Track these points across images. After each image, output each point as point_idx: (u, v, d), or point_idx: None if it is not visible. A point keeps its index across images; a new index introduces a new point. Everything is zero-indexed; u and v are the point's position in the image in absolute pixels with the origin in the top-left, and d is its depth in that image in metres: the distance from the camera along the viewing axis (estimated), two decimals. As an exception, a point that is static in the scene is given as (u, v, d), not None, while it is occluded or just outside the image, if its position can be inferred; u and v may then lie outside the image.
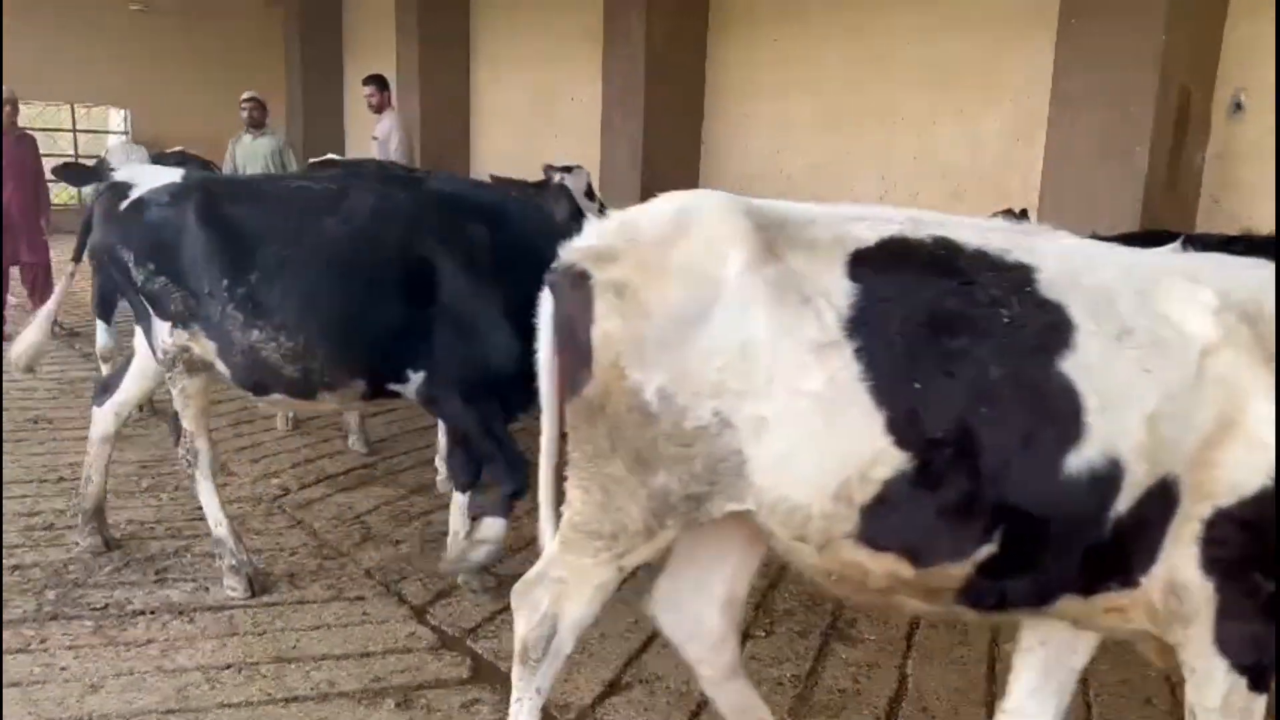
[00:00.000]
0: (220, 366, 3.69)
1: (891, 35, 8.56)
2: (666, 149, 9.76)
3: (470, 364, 3.61)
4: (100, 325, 6.10)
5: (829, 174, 9.06)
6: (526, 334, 2.47)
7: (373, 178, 4.55)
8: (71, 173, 5.81)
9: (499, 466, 3.74)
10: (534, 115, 12.32)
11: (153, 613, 3.66)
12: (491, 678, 3.35)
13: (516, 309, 3.07)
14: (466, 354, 3.59)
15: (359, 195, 3.68)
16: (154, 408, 6.26)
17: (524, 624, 2.43)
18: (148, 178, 3.81)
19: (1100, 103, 6.50)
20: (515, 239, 3.59)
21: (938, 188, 8.35)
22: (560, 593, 2.38)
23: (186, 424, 3.85)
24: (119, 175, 3.96)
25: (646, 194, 7.94)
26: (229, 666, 3.32)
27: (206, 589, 3.87)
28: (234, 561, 3.87)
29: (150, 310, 3.73)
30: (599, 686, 3.33)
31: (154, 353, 3.83)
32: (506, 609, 3.76)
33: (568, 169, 6.04)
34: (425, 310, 3.56)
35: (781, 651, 3.62)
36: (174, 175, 3.81)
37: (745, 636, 3.70)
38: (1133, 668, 3.61)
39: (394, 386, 3.73)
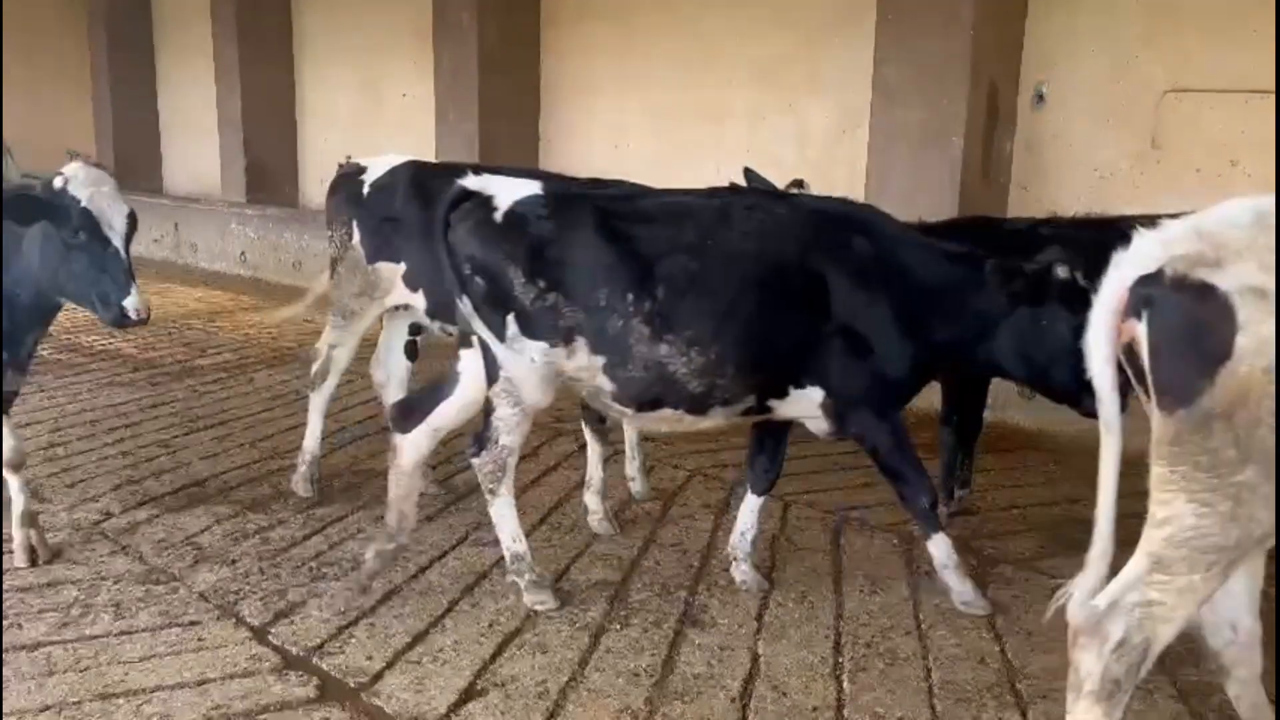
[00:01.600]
0: (603, 381, 3.65)
1: (718, 33, 8.74)
2: (504, 145, 9.66)
3: (873, 378, 3.74)
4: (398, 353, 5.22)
5: (665, 169, 9.18)
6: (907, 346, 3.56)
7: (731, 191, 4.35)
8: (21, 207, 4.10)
9: (910, 480, 3.88)
10: (364, 113, 11.97)
11: (-43, 657, 3.36)
12: (339, 695, 3.23)
13: (897, 320, 3.68)
14: (868, 369, 3.72)
15: (744, 210, 3.76)
16: None
17: (1095, 659, 2.39)
18: (504, 189, 3.67)
19: (917, 96, 6.83)
20: (888, 249, 3.75)
21: (772, 180, 8.57)
22: (1153, 615, 2.34)
23: (510, 441, 3.73)
24: (472, 185, 3.68)
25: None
26: (48, 709, 3.08)
27: (20, 626, 3.57)
28: (534, 577, 3.87)
29: (516, 328, 3.59)
30: (454, 695, 3.26)
31: (496, 373, 3.64)
32: (352, 624, 3.68)
33: (799, 183, 5.53)
34: (820, 325, 3.67)
35: (637, 643, 3.64)
36: (531, 186, 3.70)
37: (599, 632, 3.70)
38: (967, 634, 3.81)
39: (772, 402, 3.79)
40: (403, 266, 4.72)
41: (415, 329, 5.10)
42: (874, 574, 4.30)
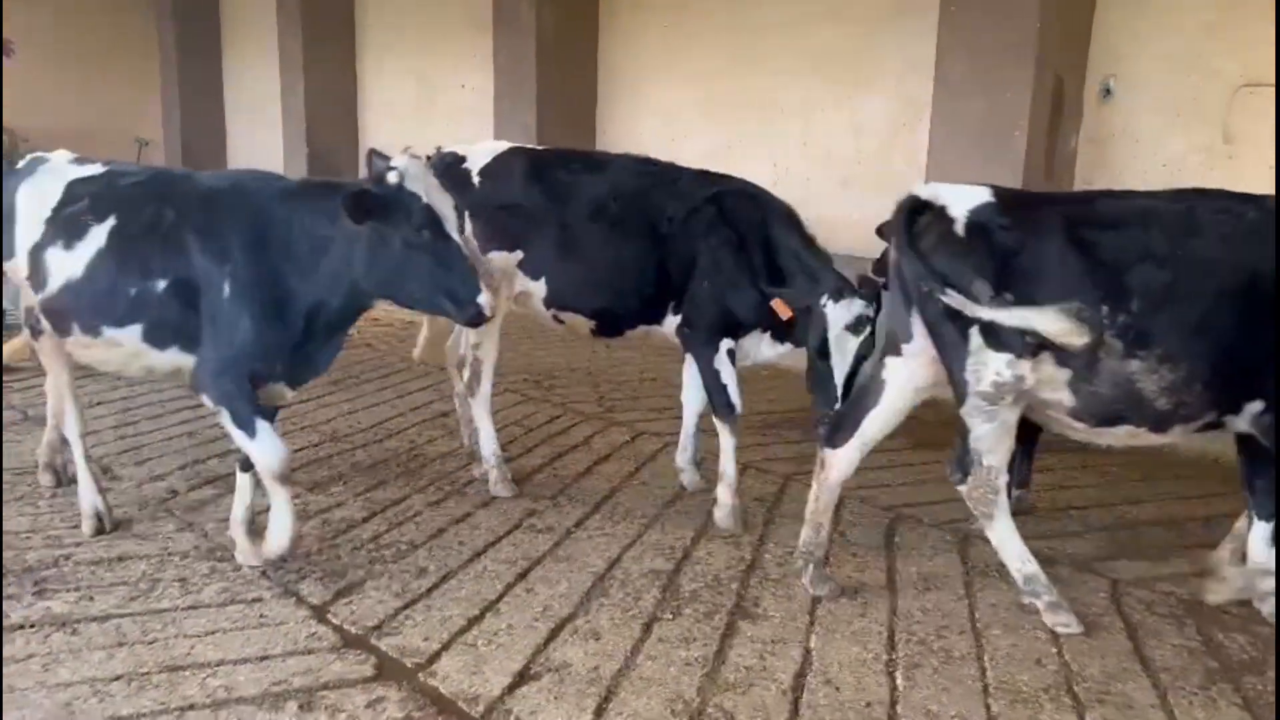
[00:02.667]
0: (1063, 395, 3.55)
1: (775, 24, 8.69)
2: (561, 135, 9.71)
3: None
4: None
5: (719, 161, 9.16)
6: None
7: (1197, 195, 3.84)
8: (359, 205, 3.66)
9: None
10: (423, 105, 12.11)
11: (33, 626, 3.48)
12: (396, 675, 3.28)
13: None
14: None
15: (1213, 213, 3.48)
16: (26, 414, 5.94)
17: None
18: (954, 197, 3.53)
19: (980, 89, 6.74)
20: None
21: (825, 174, 8.53)
22: None
23: (995, 460, 3.70)
24: (925, 194, 3.57)
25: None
26: (118, 678, 3.18)
27: (91, 598, 3.69)
28: (1052, 599, 3.79)
29: (980, 341, 3.49)
30: (508, 677, 3.30)
31: (964, 392, 3.59)
32: (409, 606, 3.74)
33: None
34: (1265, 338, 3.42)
35: (689, 633, 3.65)
36: (980, 193, 3.54)
37: (652, 620, 3.72)
38: (1024, 634, 3.77)
39: (1227, 418, 3.61)
40: (519, 255, 4.68)
41: None
42: (928, 572, 4.26)
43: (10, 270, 4.01)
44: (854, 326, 4.21)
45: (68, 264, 3.75)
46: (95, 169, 3.97)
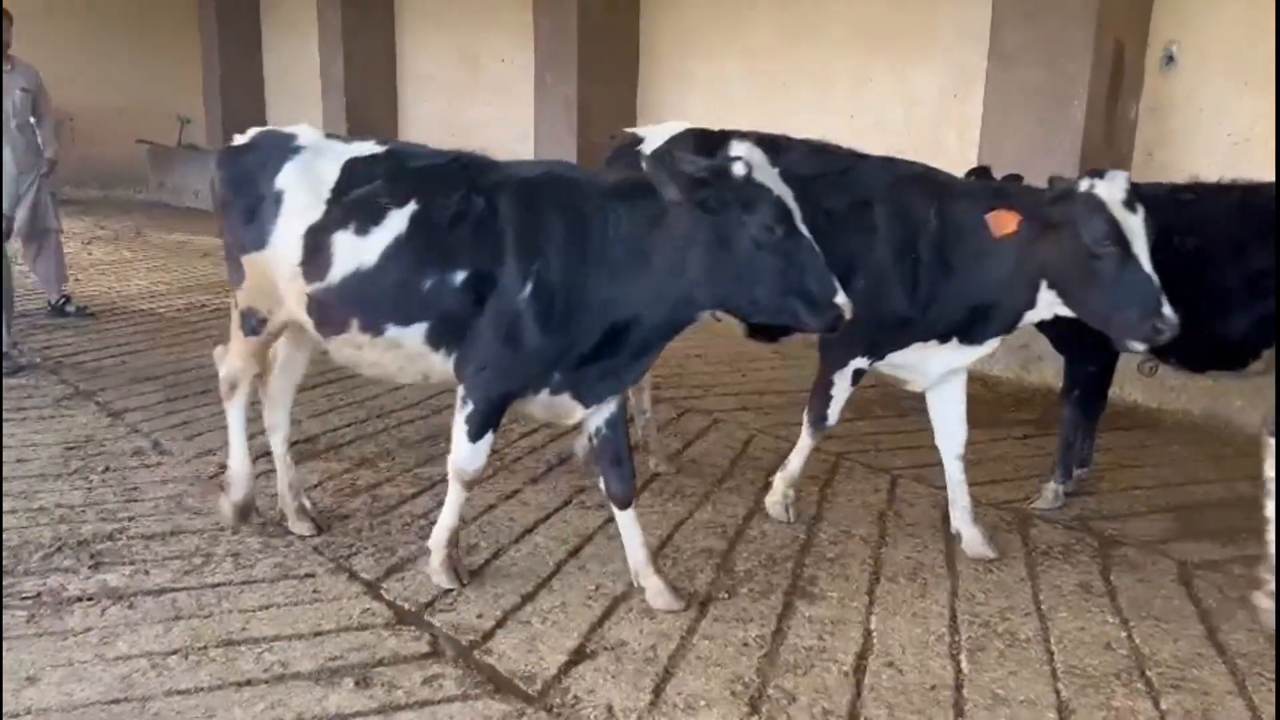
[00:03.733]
0: None
1: (823, -5, 8.51)
2: (602, 110, 9.61)
3: None
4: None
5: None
6: None
7: None
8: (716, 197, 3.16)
9: None
10: (463, 78, 12.03)
11: (90, 599, 3.48)
12: (452, 652, 3.25)
13: None
14: None
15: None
16: (77, 387, 5.98)
17: None
18: None
19: (1036, 58, 6.54)
20: None
21: (875, 145, 8.33)
22: None
23: None
24: None
25: (584, 157, 7.89)
26: (175, 652, 3.17)
27: (146, 572, 3.69)
28: None
29: None
30: (564, 655, 3.25)
31: None
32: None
33: (1099, 173, 3.64)
34: None
35: (745, 612, 3.58)
36: None
37: (706, 600, 3.66)
38: (1091, 617, 3.66)
39: None
40: None
41: None
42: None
43: (262, 261, 3.60)
44: (1129, 204, 3.48)
45: (360, 251, 3.36)
46: (372, 147, 3.58)
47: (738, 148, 3.10)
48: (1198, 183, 4.27)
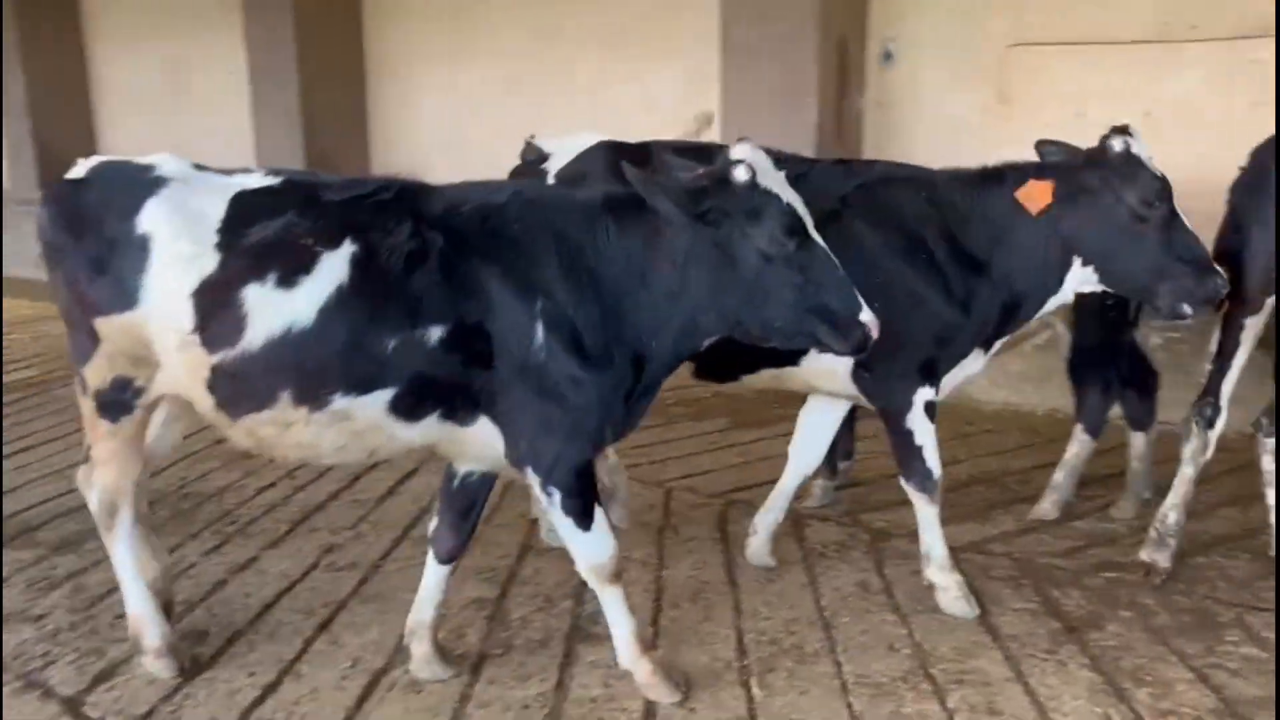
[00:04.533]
0: None
1: (564, 2, 8.31)
2: (328, 117, 8.98)
3: None
4: None
5: (510, 140, 8.72)
6: None
7: None
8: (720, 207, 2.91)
9: None
10: (171, 92, 10.93)
11: None
12: (178, 772, 2.72)
13: None
14: None
15: None
16: None
17: None
18: None
19: (767, 56, 6.60)
20: None
21: (618, 150, 8.23)
22: None
23: None
24: None
25: (314, 165, 7.16)
26: None
27: None
28: None
29: None
30: None
31: None
32: (187, 682, 3.13)
33: (1125, 129, 3.40)
34: None
35: (523, 668, 3.26)
36: None
37: (480, 659, 3.31)
38: (872, 618, 3.61)
39: None
40: None
41: None
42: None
43: (129, 324, 2.86)
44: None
45: (287, 307, 2.72)
46: (261, 178, 2.93)
47: (739, 150, 2.73)
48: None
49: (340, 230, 2.75)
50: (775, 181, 2.74)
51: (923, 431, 3.62)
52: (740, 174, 2.67)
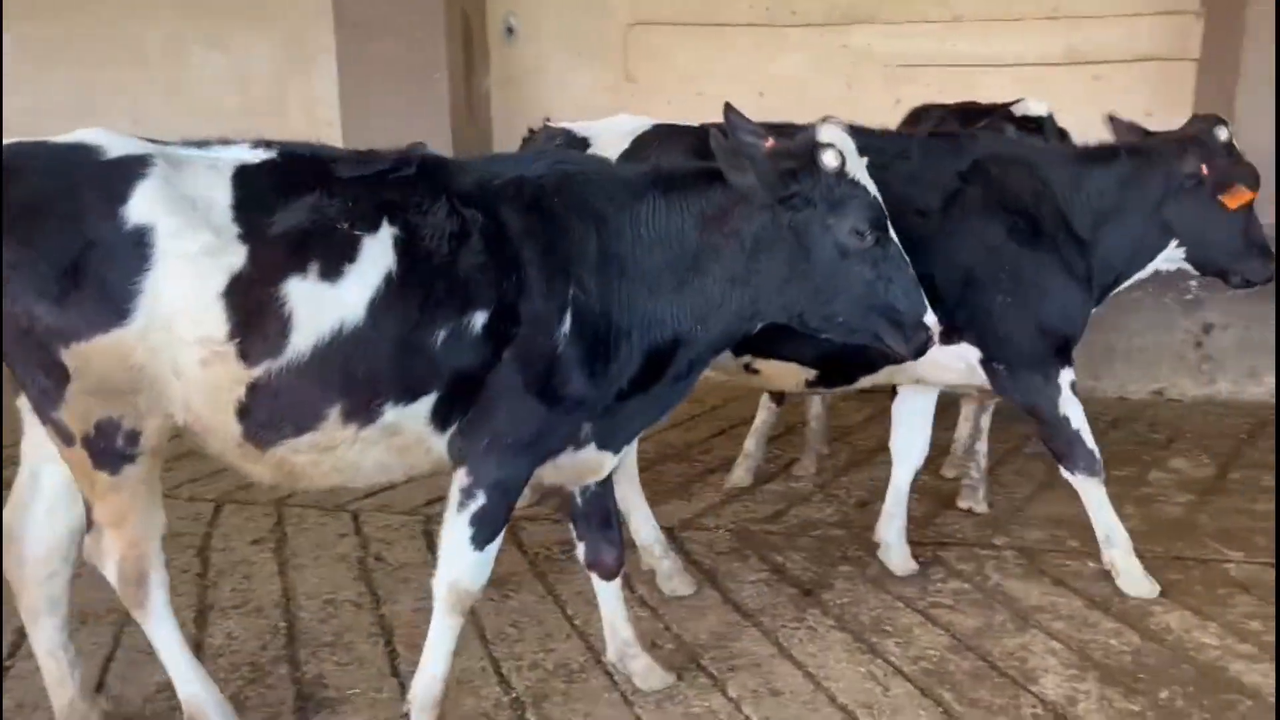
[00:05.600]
0: None
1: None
2: None
3: None
4: None
5: (59, 121, 7.30)
6: None
7: None
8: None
9: None
10: None
11: None
12: None
13: None
14: None
15: None
16: None
17: None
18: None
19: (390, 29, 6.13)
20: None
21: (202, 129, 7.23)
22: None
23: None
24: None
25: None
26: None
27: None
28: None
29: None
30: None
31: None
32: None
33: (1219, 120, 3.72)
34: None
35: None
36: None
37: None
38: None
39: None
40: None
41: None
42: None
43: (119, 346, 2.24)
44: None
45: (335, 302, 2.33)
46: (250, 151, 2.43)
47: (827, 132, 2.54)
48: None
49: (375, 211, 2.41)
50: (860, 169, 2.58)
51: (1077, 415, 3.53)
52: (830, 159, 2.50)
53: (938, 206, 3.38)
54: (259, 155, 2.42)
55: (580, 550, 3.05)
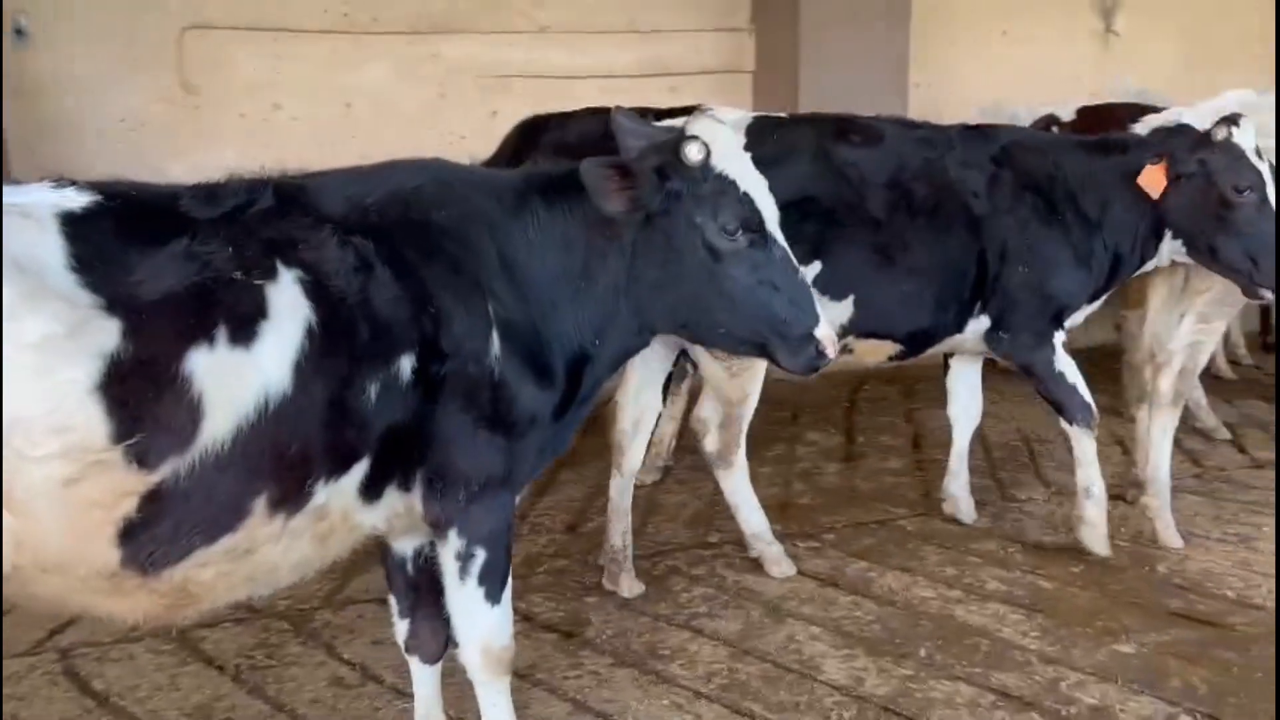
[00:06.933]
0: None
1: None
2: None
3: None
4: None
5: None
6: None
7: None
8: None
9: None
10: None
11: None
12: None
13: None
14: None
15: None
16: None
17: None
18: None
19: None
20: None
21: None
22: None
23: None
24: None
25: None
26: None
27: None
28: None
29: None
30: None
31: None
32: None
33: (1234, 120, 3.55)
34: None
35: None
36: None
37: None
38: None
39: None
40: (817, 267, 3.47)
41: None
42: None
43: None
44: (1257, 152, 3.57)
45: (255, 369, 1.91)
46: (64, 193, 1.88)
47: (697, 124, 2.41)
48: None
49: (263, 253, 2.01)
50: (737, 164, 2.37)
51: (1071, 370, 3.82)
52: (692, 152, 2.27)
53: (983, 189, 3.71)
54: (75, 197, 1.88)
55: (399, 629, 2.60)
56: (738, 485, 3.84)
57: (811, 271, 3.48)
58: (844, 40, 6.01)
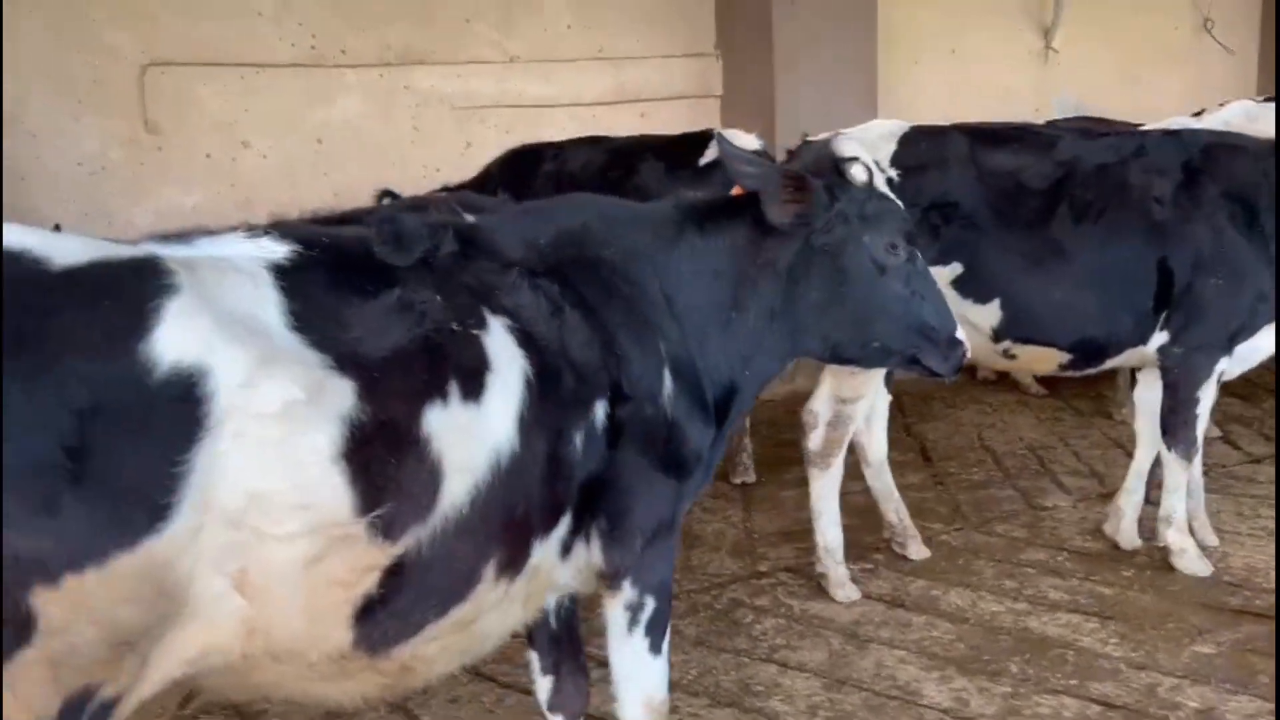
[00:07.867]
0: None
1: None
2: None
3: None
4: None
5: None
6: None
7: None
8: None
9: None
10: None
11: None
12: None
13: None
14: None
15: None
16: None
17: None
18: None
19: None
20: None
21: None
22: None
23: None
24: None
25: None
26: None
27: None
28: None
29: None
30: None
31: None
32: None
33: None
34: None
35: None
36: None
37: None
38: None
39: None
40: (957, 268, 3.53)
41: None
42: None
43: (150, 565, 1.41)
44: None
45: (483, 426, 1.79)
46: (258, 241, 1.73)
47: (844, 144, 2.49)
48: None
49: (471, 301, 1.89)
50: (881, 181, 2.49)
51: (1206, 403, 3.68)
52: (858, 173, 2.36)
53: (1169, 195, 3.54)
54: (275, 247, 1.73)
55: (542, 687, 2.49)
56: (826, 491, 3.83)
57: (951, 273, 3.54)
58: (814, 61, 6.09)
